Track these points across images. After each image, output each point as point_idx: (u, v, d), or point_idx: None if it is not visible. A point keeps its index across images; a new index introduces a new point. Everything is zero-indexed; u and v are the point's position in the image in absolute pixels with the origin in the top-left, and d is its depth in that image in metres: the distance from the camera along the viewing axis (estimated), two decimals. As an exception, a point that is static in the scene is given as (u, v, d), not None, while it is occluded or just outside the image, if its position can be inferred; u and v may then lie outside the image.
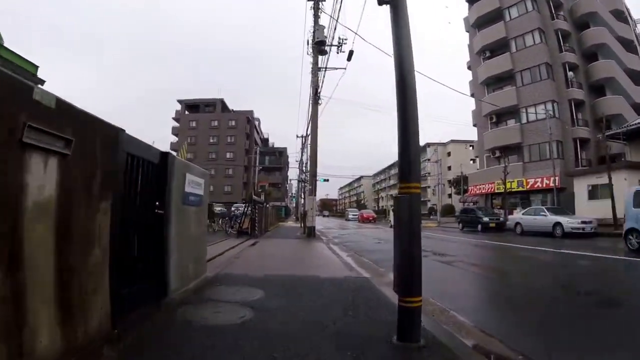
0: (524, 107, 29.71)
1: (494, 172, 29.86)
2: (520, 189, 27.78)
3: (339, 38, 15.00)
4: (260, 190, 26.98)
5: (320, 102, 14.97)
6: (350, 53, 14.20)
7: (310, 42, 15.17)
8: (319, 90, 14.86)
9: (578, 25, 31.19)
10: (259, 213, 13.75)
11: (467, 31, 35.85)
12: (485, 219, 21.03)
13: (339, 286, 4.73)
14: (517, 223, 18.21)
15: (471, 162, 65.39)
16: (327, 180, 47.03)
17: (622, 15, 32.28)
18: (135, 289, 3.04)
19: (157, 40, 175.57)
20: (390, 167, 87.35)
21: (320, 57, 15.33)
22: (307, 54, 15.67)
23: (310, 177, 14.37)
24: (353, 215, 49.01)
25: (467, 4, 35.45)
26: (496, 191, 29.47)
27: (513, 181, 27.87)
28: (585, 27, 30.89)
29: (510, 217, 20.24)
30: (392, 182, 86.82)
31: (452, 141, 65.11)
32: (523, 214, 18.56)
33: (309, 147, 16.17)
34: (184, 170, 4.10)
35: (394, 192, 73.48)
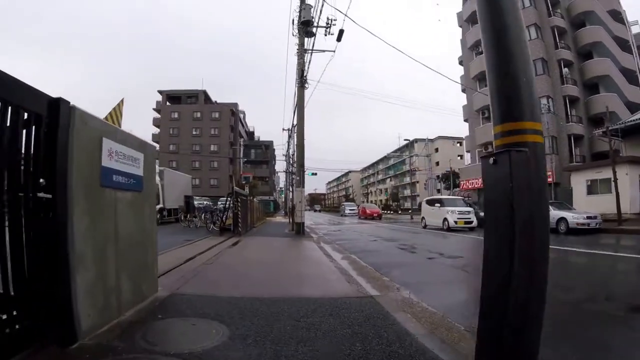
0: (518, 101, 28.99)
1: (487, 167, 29.23)
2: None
3: (328, 19, 13.68)
4: (244, 182, 25.28)
5: (307, 86, 13.65)
6: (340, 33, 12.93)
7: (295, 22, 13.80)
8: (305, 73, 13.52)
9: (574, 24, 30.79)
10: (242, 207, 12.35)
11: (460, 26, 35.07)
12: (481, 214, 20.09)
13: (339, 316, 3.34)
14: (516, 219, 17.35)
15: (459, 158, 65.50)
16: (316, 174, 45.69)
17: (618, 16, 31.97)
18: (10, 334, 1.73)
19: (138, 32, 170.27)
20: (378, 162, 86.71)
21: (307, 40, 14.03)
22: (293, 35, 14.28)
23: (297, 167, 13.04)
24: (350, 210, 44.13)
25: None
26: (489, 186, 28.76)
27: (506, 176, 27.13)
28: (581, 25, 30.56)
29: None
30: (380, 177, 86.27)
31: (440, 137, 64.92)
32: (523, 209, 17.68)
33: (295, 137, 14.76)
34: (100, 132, 2.75)
35: (383, 187, 72.31)
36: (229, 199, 12.23)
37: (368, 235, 14.47)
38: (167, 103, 55.36)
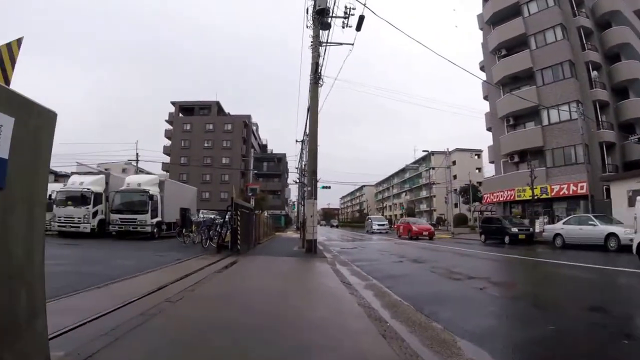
0: (546, 108, 27.00)
1: (513, 178, 27.10)
2: (545, 196, 24.82)
3: (346, 7, 12.16)
4: (250, 195, 23.63)
5: (321, 83, 12.08)
6: (360, 20, 11.40)
7: (310, 11, 12.36)
8: (320, 68, 11.98)
9: (600, 24, 28.91)
10: (243, 222, 10.66)
11: (481, 28, 33.40)
12: (514, 229, 18.10)
13: None
14: (557, 234, 15.30)
15: (477, 170, 62.97)
16: (329, 187, 43.65)
17: (645, 15, 29.93)
18: None
19: (153, 43, 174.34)
20: (393, 175, 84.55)
21: (323, 34, 12.55)
22: (307, 27, 12.85)
23: (309, 175, 11.34)
24: (380, 225, 35.28)
25: (480, 1, 33.16)
26: (516, 199, 26.51)
27: (536, 187, 24.96)
28: (607, 26, 28.64)
29: (547, 227, 17.21)
30: (395, 191, 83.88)
31: (457, 150, 62.61)
32: (564, 223, 15.67)
33: (307, 141, 13.11)
34: None
35: (398, 201, 69.98)
36: (228, 211, 10.58)
37: (390, 255, 12.56)
38: (180, 114, 54.85)
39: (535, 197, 23.67)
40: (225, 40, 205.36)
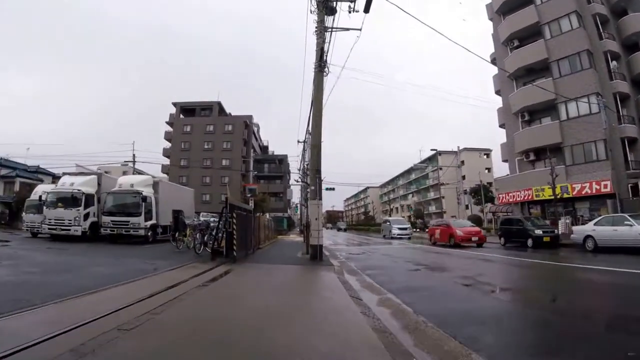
0: (564, 102, 25.52)
1: (530, 177, 25.67)
2: (565, 195, 23.32)
3: (353, -11, 10.97)
4: (249, 195, 22.22)
5: (327, 71, 10.86)
6: (369, 1, 10.15)
7: (314, -7, 11.17)
8: (325, 55, 10.76)
9: (616, 12, 27.38)
10: (240, 225, 9.42)
11: (491, 19, 31.99)
12: (538, 231, 16.72)
13: None
14: (588, 236, 13.88)
15: (486, 170, 61.34)
16: (333, 189, 42.22)
17: (663, 3, 28.36)
18: None
19: (154, 43, 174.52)
20: (398, 177, 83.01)
21: (327, 22, 11.33)
22: (311, 11, 11.66)
23: (312, 174, 10.08)
24: (401, 229, 29.28)
25: (488, -9, 31.82)
26: (534, 198, 25.03)
27: (556, 187, 23.52)
28: (623, 13, 27.09)
29: (576, 228, 15.79)
30: (401, 192, 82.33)
31: (466, 149, 60.98)
32: (595, 224, 14.23)
33: (310, 136, 11.86)
34: None
35: (405, 203, 67.83)
36: (222, 213, 9.37)
37: (405, 261, 11.16)
38: (181, 115, 53.93)
39: (549, 198, 22.23)
40: (227, 35, 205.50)
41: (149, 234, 15.95)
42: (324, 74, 10.78)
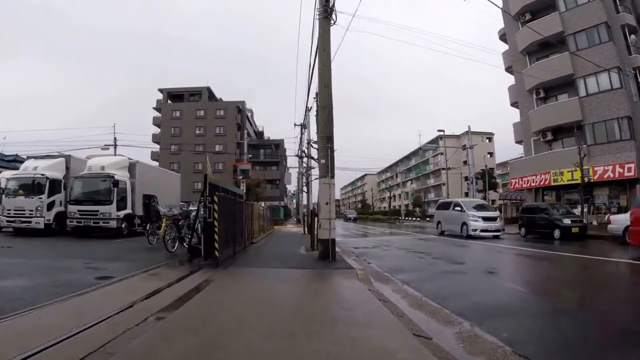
0: (582, 77, 23.59)
1: (547, 159, 23.70)
2: (585, 179, 21.36)
3: None
4: (240, 178, 19.29)
5: (334, 19, 8.55)
6: None
7: None
8: (331, -4, 8.44)
9: (628, -17, 25.21)
10: (224, 213, 7.14)
11: (501, -10, 29.48)
12: (567, 221, 14.80)
13: None
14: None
15: (488, 155, 59.51)
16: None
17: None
18: None
19: (139, 26, 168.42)
20: (397, 163, 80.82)
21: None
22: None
23: (320, 142, 7.78)
24: (487, 220, 15.83)
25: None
26: (552, 183, 23.07)
27: (575, 170, 21.60)
28: (638, -15, 24.93)
29: (614, 218, 13.79)
30: (399, 179, 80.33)
31: (467, 133, 58.99)
32: (637, 212, 12.16)
33: (318, 97, 9.48)
34: None
35: (404, 190, 65.01)
36: (201, 199, 7.11)
37: (447, 262, 8.53)
38: (169, 101, 51.05)
39: (564, 183, 20.27)
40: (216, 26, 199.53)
41: (123, 225, 13.70)
42: (331, 21, 8.47)
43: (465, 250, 11.84)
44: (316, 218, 8.88)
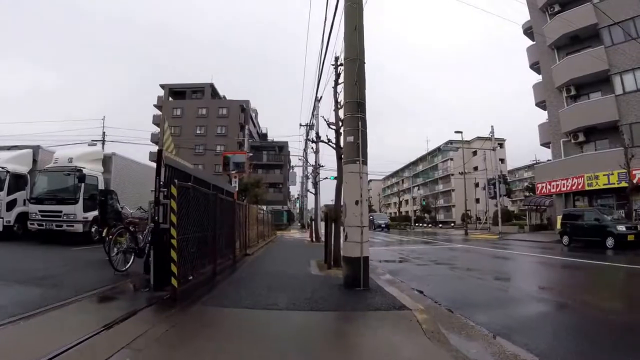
0: (618, 73, 21.32)
1: (581, 162, 21.34)
2: (623, 184, 19.03)
3: None
4: (233, 171, 16.05)
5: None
6: None
7: None
8: None
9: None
10: (192, 215, 4.78)
11: (526, -18, 27.33)
12: (621, 227, 12.68)
13: None
14: None
15: (500, 161, 57.06)
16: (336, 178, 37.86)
17: None
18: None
19: (143, 25, 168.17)
20: (403, 169, 78.59)
21: None
22: None
23: (347, 111, 5.16)
24: None
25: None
26: (586, 188, 20.67)
27: (612, 174, 19.30)
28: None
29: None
30: (405, 185, 77.95)
31: (479, 138, 56.65)
32: None
33: (344, 46, 6.99)
34: None
35: (411, 196, 61.96)
36: (158, 195, 4.82)
37: (524, 285, 6.44)
38: (170, 98, 49.12)
39: (599, 188, 17.88)
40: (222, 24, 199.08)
41: (92, 230, 11.45)
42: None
43: (511, 264, 9.55)
44: (334, 224, 6.51)
